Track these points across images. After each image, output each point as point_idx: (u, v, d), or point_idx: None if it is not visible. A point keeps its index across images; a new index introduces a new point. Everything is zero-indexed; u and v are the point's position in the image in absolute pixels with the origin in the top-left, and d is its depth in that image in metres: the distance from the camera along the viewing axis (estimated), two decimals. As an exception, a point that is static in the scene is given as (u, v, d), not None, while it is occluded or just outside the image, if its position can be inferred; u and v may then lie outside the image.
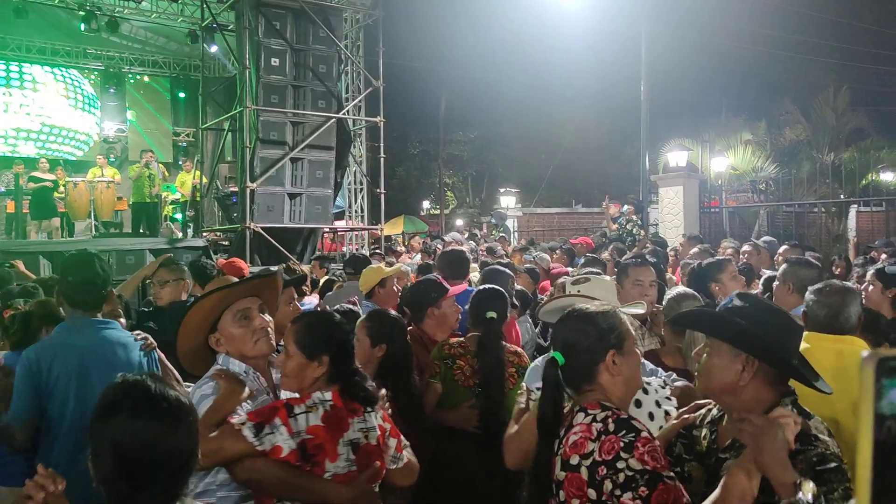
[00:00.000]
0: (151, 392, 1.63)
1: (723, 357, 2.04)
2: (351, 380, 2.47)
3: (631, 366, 2.13)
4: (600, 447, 1.91)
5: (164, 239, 12.55)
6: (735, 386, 2.02)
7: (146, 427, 1.58)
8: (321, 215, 11.78)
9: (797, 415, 1.89)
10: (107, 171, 14.60)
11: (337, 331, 2.52)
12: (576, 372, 2.14)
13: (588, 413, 2.02)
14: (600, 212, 20.68)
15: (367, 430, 2.45)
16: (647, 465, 1.84)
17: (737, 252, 8.47)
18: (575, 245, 10.20)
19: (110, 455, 1.57)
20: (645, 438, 1.90)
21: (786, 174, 18.76)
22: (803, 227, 18.10)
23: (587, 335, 2.14)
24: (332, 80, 11.99)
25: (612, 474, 1.86)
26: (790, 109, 24.55)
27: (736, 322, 2.06)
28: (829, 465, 1.82)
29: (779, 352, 2.01)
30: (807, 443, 1.87)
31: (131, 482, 1.58)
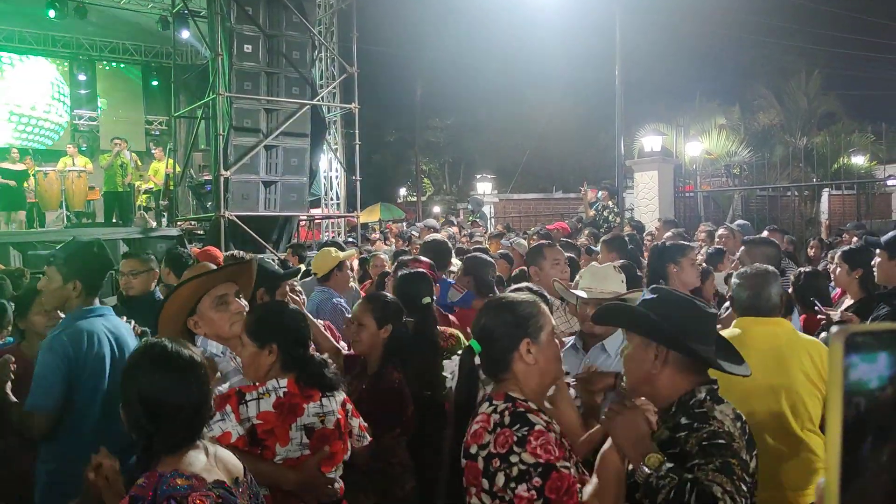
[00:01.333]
0: (169, 350, 1.97)
1: (637, 348, 2.15)
2: (306, 367, 2.57)
3: (547, 356, 2.14)
4: (495, 439, 1.96)
5: (138, 228, 12.41)
6: (650, 375, 2.11)
7: (164, 377, 1.93)
8: (296, 203, 11.68)
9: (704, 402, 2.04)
10: (78, 160, 14.38)
11: (285, 319, 2.65)
12: (491, 359, 2.18)
13: (492, 403, 2.07)
14: (577, 197, 20.76)
15: (325, 415, 2.53)
16: (540, 458, 1.90)
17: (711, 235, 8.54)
18: (551, 230, 10.21)
19: (137, 401, 1.90)
20: (538, 432, 1.94)
21: (759, 158, 18.89)
22: (777, 211, 18.30)
23: (503, 323, 2.16)
24: (306, 67, 11.86)
25: (505, 467, 1.92)
26: (763, 94, 24.78)
27: (644, 314, 2.16)
28: (716, 440, 1.93)
29: (685, 339, 2.08)
30: (703, 422, 1.98)
31: (155, 423, 1.89)
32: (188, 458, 1.90)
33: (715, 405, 2.05)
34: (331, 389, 2.56)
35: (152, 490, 1.77)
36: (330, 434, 2.52)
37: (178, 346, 2.00)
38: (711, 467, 1.86)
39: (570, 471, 1.92)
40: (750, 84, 25.89)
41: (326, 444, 2.49)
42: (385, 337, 3.39)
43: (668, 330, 2.10)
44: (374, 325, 3.38)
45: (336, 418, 2.55)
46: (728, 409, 2.05)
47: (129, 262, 4.79)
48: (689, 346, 2.08)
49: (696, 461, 1.89)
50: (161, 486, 1.78)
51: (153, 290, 4.82)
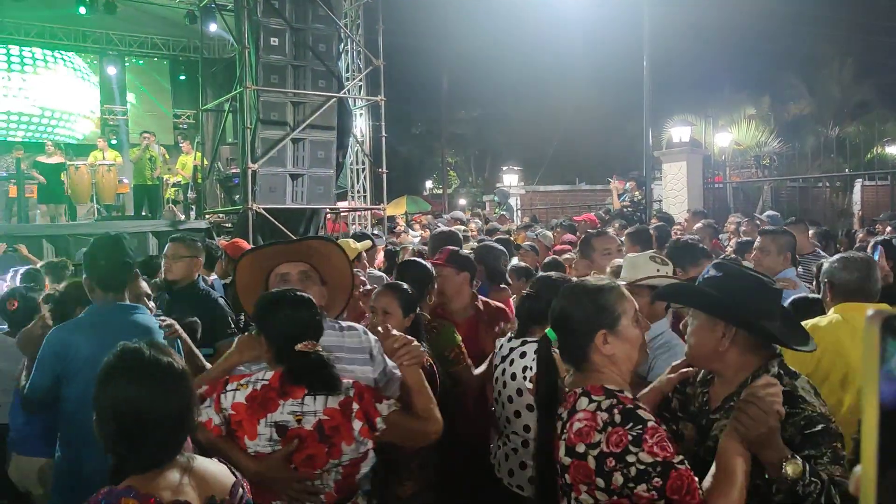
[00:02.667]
0: (144, 359, 1.77)
1: (702, 326, 2.14)
2: (293, 363, 2.42)
3: (627, 345, 2.09)
4: (607, 438, 1.90)
5: (167, 221, 12.55)
6: (717, 352, 2.11)
7: (139, 391, 1.73)
8: (323, 196, 11.73)
9: (781, 378, 2.01)
10: (108, 154, 14.56)
11: (277, 310, 2.47)
12: (568, 349, 2.14)
13: (592, 399, 2.00)
14: (604, 188, 20.62)
15: (302, 414, 2.39)
16: (658, 456, 1.85)
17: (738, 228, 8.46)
18: (578, 222, 10.16)
19: (111, 418, 1.73)
20: (652, 429, 1.89)
21: (790, 149, 18.62)
22: (808, 202, 18.02)
23: (578, 312, 2.12)
24: (333, 60, 11.89)
25: (622, 467, 1.87)
26: (794, 83, 24.36)
27: (708, 292, 2.16)
28: (816, 427, 1.92)
29: (751, 316, 2.08)
30: (794, 405, 1.96)
31: (130, 442, 1.73)
32: (154, 477, 1.75)
33: (793, 381, 2.04)
34: (323, 389, 2.42)
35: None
36: (306, 436, 2.37)
37: (157, 352, 1.82)
38: (826, 460, 1.88)
39: (686, 466, 1.88)
40: (780, 74, 25.46)
41: (302, 445, 2.37)
42: (408, 326, 3.39)
43: (735, 308, 2.09)
44: (399, 314, 3.39)
45: (318, 419, 2.38)
46: (807, 384, 2.05)
47: (173, 246, 4.70)
48: (758, 325, 2.08)
49: (806, 452, 1.89)
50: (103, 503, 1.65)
51: (196, 279, 4.70)
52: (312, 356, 2.42)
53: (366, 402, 2.44)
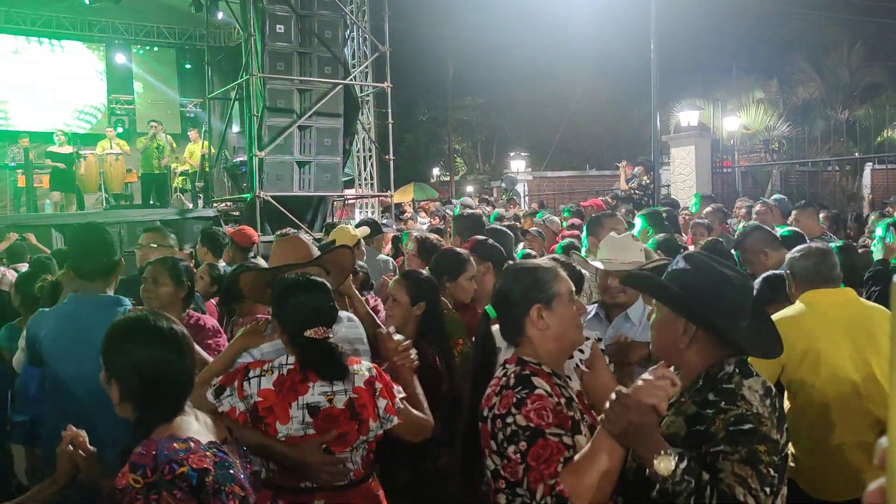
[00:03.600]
0: (159, 323, 2.01)
1: (665, 319, 2.13)
2: (304, 349, 2.48)
3: (562, 322, 2.15)
4: (500, 401, 2.00)
5: (175, 210, 12.56)
6: (677, 347, 2.09)
7: (160, 349, 1.97)
8: (330, 183, 11.72)
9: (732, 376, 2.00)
10: (115, 143, 14.56)
11: (288, 297, 2.54)
12: (506, 324, 2.21)
13: (504, 367, 2.11)
14: (612, 174, 20.53)
15: (333, 394, 2.45)
16: (532, 422, 1.92)
17: (749, 212, 8.40)
18: (586, 207, 10.11)
19: (134, 374, 1.94)
20: (536, 396, 1.95)
21: (799, 133, 18.48)
22: (817, 186, 17.93)
23: (515, 288, 2.19)
24: (338, 46, 11.85)
25: (503, 427, 1.96)
26: (803, 67, 24.15)
27: (669, 286, 2.13)
28: (743, 426, 1.88)
29: (714, 314, 2.03)
30: (731, 402, 1.94)
31: (154, 395, 1.95)
32: (181, 423, 1.96)
33: (743, 380, 1.99)
34: (330, 378, 2.47)
35: (152, 456, 1.80)
36: (339, 414, 2.44)
37: (164, 318, 2.05)
38: (737, 457, 1.84)
39: (561, 439, 1.92)
40: (789, 57, 25.24)
41: (333, 424, 2.42)
42: (419, 314, 3.39)
43: (692, 305, 2.05)
44: (407, 301, 3.40)
45: (348, 398, 2.46)
46: (757, 385, 1.99)
47: (148, 236, 4.79)
48: (718, 325, 2.02)
49: (721, 448, 1.87)
50: (160, 451, 1.81)
51: None
52: (322, 343, 2.48)
53: (386, 383, 2.56)
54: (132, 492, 1.76)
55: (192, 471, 1.81)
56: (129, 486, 1.76)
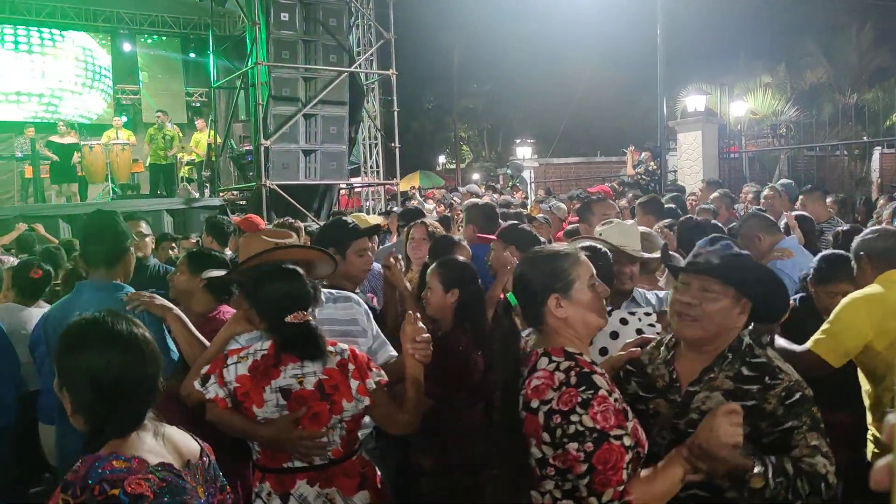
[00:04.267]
0: (112, 327, 1.81)
1: (730, 303, 2.17)
2: (285, 334, 2.54)
3: (581, 309, 2.15)
4: (559, 397, 1.99)
5: (182, 199, 12.60)
6: (731, 328, 2.17)
7: (116, 357, 1.77)
8: (336, 171, 11.72)
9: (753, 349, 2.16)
10: (122, 133, 14.59)
11: (263, 286, 2.61)
12: (526, 312, 2.21)
13: (552, 360, 2.09)
14: (618, 160, 20.47)
15: (303, 376, 2.52)
16: (598, 424, 1.93)
17: (758, 197, 8.37)
18: (593, 194, 10.10)
19: (87, 384, 1.75)
20: (602, 397, 1.97)
21: (807, 117, 18.34)
22: (825, 171, 17.81)
23: (532, 277, 2.19)
24: (343, 34, 11.82)
25: (564, 424, 1.96)
26: (811, 50, 23.93)
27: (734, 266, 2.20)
28: (794, 396, 2.04)
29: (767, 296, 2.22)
30: (773, 376, 2.08)
31: (108, 405, 1.75)
32: (133, 440, 1.78)
33: (764, 351, 2.14)
34: (310, 359, 2.54)
35: (82, 475, 1.64)
36: (308, 395, 2.51)
37: (124, 320, 1.85)
38: (805, 428, 2.00)
39: (622, 441, 1.95)
40: (796, 41, 25.02)
41: (305, 405, 2.50)
42: (453, 301, 3.43)
43: (753, 285, 2.19)
44: (440, 289, 3.44)
45: (317, 379, 2.52)
46: (774, 353, 2.16)
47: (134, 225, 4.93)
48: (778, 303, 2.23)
49: (790, 423, 2.01)
50: (94, 469, 1.65)
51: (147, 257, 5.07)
52: (303, 327, 2.55)
53: (359, 364, 2.58)
54: None
55: (123, 494, 1.62)
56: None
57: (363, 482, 2.60)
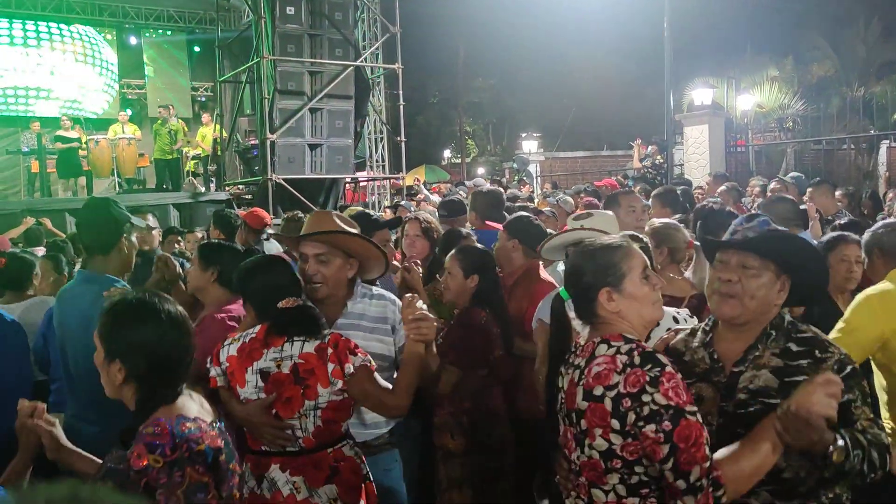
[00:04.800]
0: (159, 304, 1.99)
1: (771, 279, 2.13)
2: (278, 318, 2.63)
3: (633, 304, 2.11)
4: (625, 379, 1.93)
5: (188, 193, 12.60)
6: (772, 305, 2.13)
7: (166, 331, 1.96)
8: (342, 165, 11.72)
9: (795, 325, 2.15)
10: (128, 127, 14.59)
11: (251, 279, 2.75)
12: (579, 306, 2.19)
13: (611, 345, 2.04)
14: (624, 154, 20.42)
15: (281, 360, 2.57)
16: (672, 400, 1.88)
17: (764, 190, 8.33)
18: (600, 187, 10.07)
19: (141, 355, 1.93)
20: (670, 373, 1.92)
21: (814, 111, 18.26)
22: (832, 165, 17.74)
23: (584, 271, 2.16)
24: (349, 28, 11.80)
25: (636, 406, 1.90)
26: (818, 44, 23.81)
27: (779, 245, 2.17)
28: (846, 370, 2.02)
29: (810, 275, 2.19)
30: (824, 350, 2.07)
31: (160, 375, 1.95)
32: (183, 404, 1.96)
33: (807, 327, 2.15)
34: (303, 334, 2.60)
35: (169, 435, 1.81)
36: (284, 379, 2.55)
37: (165, 299, 2.03)
38: (859, 402, 2.01)
39: (697, 417, 1.90)
40: (803, 34, 24.87)
41: (280, 389, 2.54)
42: (472, 286, 3.49)
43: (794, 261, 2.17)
44: (460, 275, 3.50)
45: (293, 363, 2.55)
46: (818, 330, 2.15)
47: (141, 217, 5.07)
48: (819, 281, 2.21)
49: (847, 396, 1.98)
50: (176, 430, 1.82)
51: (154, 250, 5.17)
52: (295, 309, 2.62)
53: (339, 349, 2.57)
54: (153, 471, 1.77)
55: (209, 448, 1.85)
56: (149, 466, 1.77)
57: (332, 476, 2.58)
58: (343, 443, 2.65)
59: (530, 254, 3.93)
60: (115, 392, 1.99)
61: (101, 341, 1.99)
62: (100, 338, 1.99)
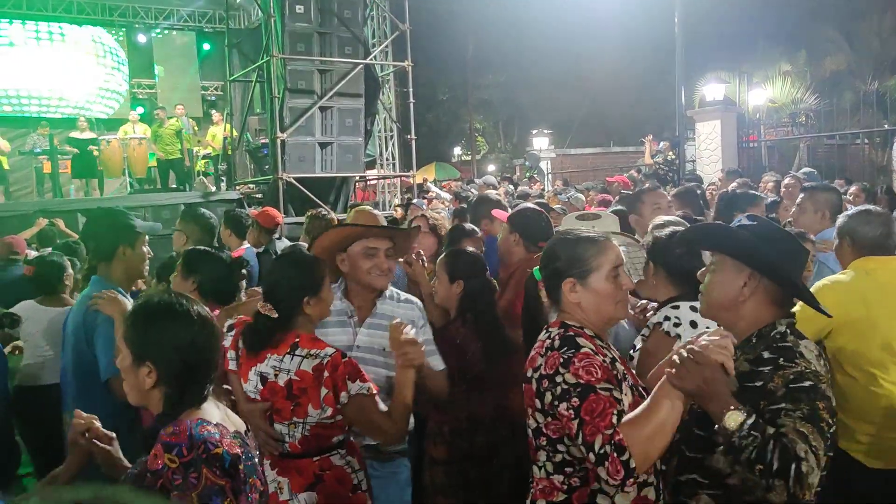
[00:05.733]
0: (188, 306, 1.97)
1: (727, 272, 2.12)
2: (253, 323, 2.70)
3: (597, 298, 2.18)
4: (546, 362, 2.07)
5: (199, 193, 12.62)
6: (735, 302, 2.10)
7: (198, 332, 1.94)
8: (353, 164, 11.69)
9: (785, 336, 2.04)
10: (138, 127, 14.63)
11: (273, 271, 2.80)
12: (547, 289, 2.29)
13: (547, 330, 2.17)
14: (635, 150, 20.35)
15: (279, 370, 2.59)
16: (581, 378, 1.98)
17: (778, 186, 8.26)
18: (611, 184, 10.03)
19: (174, 356, 1.90)
20: (582, 354, 2.02)
21: (827, 105, 18.10)
22: (846, 160, 17.58)
23: (555, 257, 2.26)
24: (358, 26, 11.76)
25: (551, 387, 2.03)
26: (832, 37, 23.61)
27: (745, 236, 2.12)
28: (803, 383, 1.91)
29: (783, 270, 2.07)
30: (790, 360, 1.97)
31: (192, 377, 1.93)
32: (207, 409, 1.95)
33: (798, 339, 2.03)
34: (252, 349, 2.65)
35: (186, 436, 1.80)
36: (279, 390, 2.57)
37: (193, 301, 2.01)
38: (798, 415, 1.85)
39: (611, 393, 1.96)
40: (817, 28, 24.66)
41: (273, 397, 2.57)
42: (458, 292, 3.44)
43: (766, 255, 2.07)
44: (446, 280, 3.47)
45: (289, 378, 2.56)
46: (811, 345, 2.03)
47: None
48: (793, 281, 2.07)
49: (782, 405, 1.88)
50: (194, 431, 1.81)
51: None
52: (262, 318, 2.65)
53: (337, 374, 2.53)
54: (168, 472, 1.75)
55: (226, 453, 1.82)
56: (164, 466, 1.76)
57: (315, 483, 2.58)
58: (333, 452, 2.63)
59: (532, 248, 3.88)
60: (140, 398, 1.96)
61: (127, 345, 1.95)
62: (126, 341, 1.95)
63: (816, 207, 4.53)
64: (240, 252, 5.70)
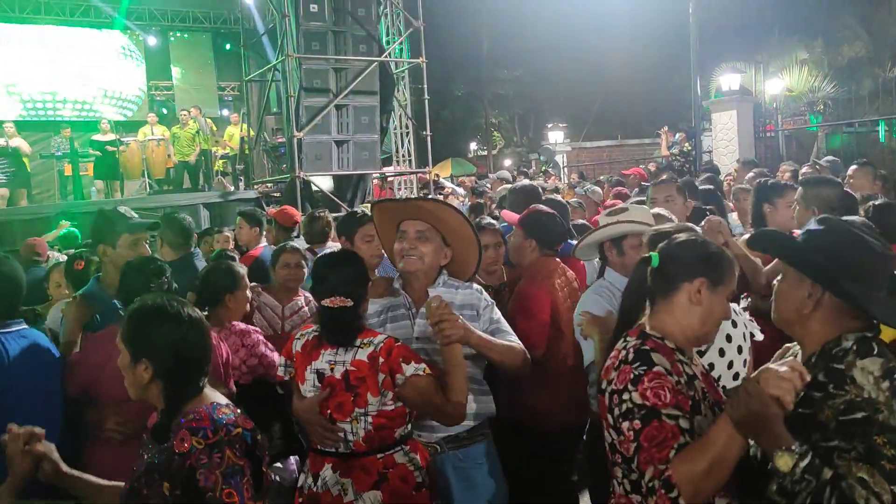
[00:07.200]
0: (178, 307, 2.12)
1: (790, 282, 1.97)
2: (321, 317, 2.70)
3: (714, 310, 2.05)
4: (618, 376, 1.97)
5: (217, 193, 12.74)
6: (799, 314, 1.94)
7: (188, 330, 2.09)
8: (369, 161, 11.75)
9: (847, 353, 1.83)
10: (157, 128, 14.77)
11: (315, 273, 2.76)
12: (661, 279, 2.10)
13: (625, 339, 2.06)
14: (651, 142, 20.27)
15: (335, 363, 2.62)
16: (648, 400, 1.86)
17: (796, 175, 8.22)
18: (627, 176, 10.01)
19: (167, 352, 2.05)
20: (654, 374, 1.89)
21: (845, 93, 17.94)
22: (864, 148, 17.40)
23: (694, 251, 2.08)
24: (372, 24, 11.81)
25: (619, 403, 1.93)
26: (849, 24, 23.34)
27: (799, 245, 1.99)
28: (855, 414, 1.73)
29: (842, 276, 1.86)
30: (839, 386, 1.79)
31: (187, 371, 2.08)
32: (210, 394, 2.11)
33: (858, 359, 1.81)
34: (335, 344, 2.64)
35: (210, 419, 1.96)
36: (336, 384, 2.59)
37: (182, 302, 2.17)
38: (854, 455, 1.70)
39: (677, 422, 1.83)
40: (834, 15, 24.37)
41: (333, 391, 2.60)
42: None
43: (822, 265, 1.89)
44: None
45: (345, 369, 2.58)
46: (874, 366, 1.79)
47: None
48: (842, 286, 1.85)
49: (835, 443, 1.73)
50: (214, 415, 1.97)
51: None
52: (336, 311, 2.62)
53: (392, 359, 2.56)
54: (196, 452, 1.89)
55: (245, 431, 1.98)
56: (192, 448, 1.90)
57: (380, 482, 2.56)
58: (396, 449, 2.63)
59: (546, 252, 3.76)
60: (139, 393, 2.11)
61: (125, 344, 2.10)
62: (124, 341, 2.10)
63: (808, 204, 4.06)
64: (258, 251, 5.78)
